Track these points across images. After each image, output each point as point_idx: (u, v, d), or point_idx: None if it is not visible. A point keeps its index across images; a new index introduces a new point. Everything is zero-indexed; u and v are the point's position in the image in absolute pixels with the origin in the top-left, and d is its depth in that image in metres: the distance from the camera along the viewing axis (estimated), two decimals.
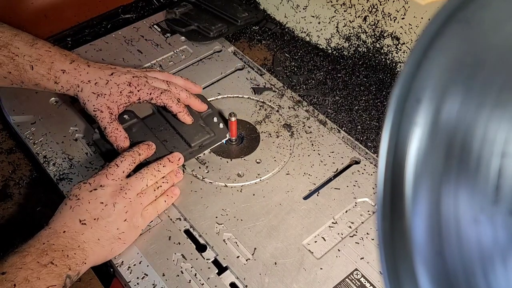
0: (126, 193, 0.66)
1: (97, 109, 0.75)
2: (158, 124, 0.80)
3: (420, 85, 0.30)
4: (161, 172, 0.71)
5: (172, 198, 0.72)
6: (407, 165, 0.31)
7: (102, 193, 0.65)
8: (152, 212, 0.69)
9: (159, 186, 0.70)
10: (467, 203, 0.30)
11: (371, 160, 0.78)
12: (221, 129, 0.80)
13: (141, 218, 0.67)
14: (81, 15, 1.01)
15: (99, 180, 0.66)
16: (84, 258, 0.61)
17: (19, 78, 0.76)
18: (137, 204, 0.66)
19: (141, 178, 0.68)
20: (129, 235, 0.66)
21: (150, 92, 0.77)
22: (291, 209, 0.71)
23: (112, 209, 0.64)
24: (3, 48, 0.74)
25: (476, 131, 0.29)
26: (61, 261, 0.58)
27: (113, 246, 0.64)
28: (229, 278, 0.64)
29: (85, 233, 0.62)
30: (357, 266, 0.65)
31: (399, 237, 0.31)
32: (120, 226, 0.64)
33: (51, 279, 0.57)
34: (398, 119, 0.31)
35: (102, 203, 0.64)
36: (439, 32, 0.30)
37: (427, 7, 0.82)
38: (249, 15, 1.00)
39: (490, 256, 0.29)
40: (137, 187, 0.67)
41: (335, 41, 0.97)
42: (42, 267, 0.56)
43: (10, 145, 0.82)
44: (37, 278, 0.55)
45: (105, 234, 0.63)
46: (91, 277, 0.67)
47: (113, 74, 0.77)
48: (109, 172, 0.67)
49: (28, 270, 0.55)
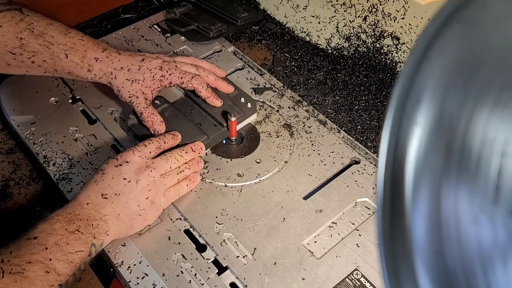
0: (151, 171, 0.67)
1: (133, 95, 0.77)
2: (189, 108, 0.82)
3: (420, 85, 0.30)
4: (183, 158, 0.73)
5: (194, 183, 0.74)
6: (407, 165, 0.31)
7: (127, 169, 0.67)
8: (174, 193, 0.71)
9: (182, 170, 0.72)
10: (467, 203, 0.30)
11: (371, 160, 0.78)
12: (250, 108, 0.83)
13: (164, 198, 0.69)
14: (81, 15, 1.01)
15: (125, 156, 0.68)
16: (106, 230, 0.63)
17: (53, 67, 0.77)
18: (160, 183, 0.68)
19: (165, 159, 0.70)
20: (150, 213, 0.67)
21: (181, 76, 0.80)
22: (291, 209, 0.71)
23: (134, 186, 0.66)
24: (39, 37, 0.75)
25: (476, 131, 0.29)
26: (86, 229, 0.61)
27: (133, 222, 0.66)
28: (229, 278, 0.64)
29: (106, 207, 0.64)
30: (357, 266, 0.65)
31: (399, 237, 0.31)
32: (142, 203, 0.66)
33: (79, 245, 0.60)
34: (398, 119, 0.31)
35: (125, 179, 0.66)
36: (439, 32, 0.30)
37: (427, 7, 0.82)
38: (249, 15, 1.00)
39: (490, 256, 0.29)
40: (162, 167, 0.69)
41: (335, 41, 0.97)
42: (70, 233, 0.60)
43: (10, 145, 0.82)
44: (66, 243, 0.59)
45: (125, 210, 0.65)
46: (91, 277, 0.67)
47: (144, 60, 0.79)
48: (136, 149, 0.69)
49: (57, 235, 0.59)
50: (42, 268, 0.56)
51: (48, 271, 0.56)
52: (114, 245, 0.67)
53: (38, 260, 0.56)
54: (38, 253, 0.56)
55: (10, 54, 0.75)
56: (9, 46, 0.74)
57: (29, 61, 0.76)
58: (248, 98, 0.84)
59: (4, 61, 0.75)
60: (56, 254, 0.57)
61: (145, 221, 0.67)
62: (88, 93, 0.86)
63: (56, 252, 0.57)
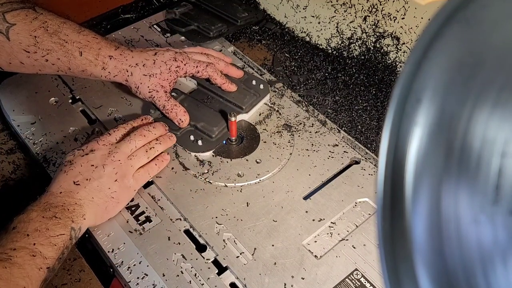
0: (114, 156, 0.69)
1: (152, 89, 0.79)
2: (205, 96, 0.84)
3: (420, 85, 0.30)
4: (151, 133, 0.74)
5: (163, 162, 0.75)
6: (407, 165, 0.31)
7: (93, 156, 0.69)
8: (143, 174, 0.72)
9: (152, 147, 0.73)
10: (467, 203, 0.30)
11: (371, 160, 0.78)
12: (262, 89, 0.85)
13: (133, 179, 0.70)
14: (81, 15, 1.00)
15: (91, 146, 0.70)
16: (83, 213, 0.64)
17: (67, 65, 0.77)
18: (127, 165, 0.70)
19: (129, 140, 0.71)
20: (122, 194, 0.69)
21: (196, 65, 0.81)
22: (291, 209, 0.71)
23: (102, 171, 0.68)
24: (53, 35, 0.75)
25: (476, 131, 0.29)
26: (63, 214, 0.63)
27: (107, 205, 0.67)
28: (229, 278, 0.64)
29: (80, 192, 0.66)
30: (357, 266, 0.65)
31: (399, 237, 0.31)
32: (112, 186, 0.68)
33: (58, 229, 0.61)
34: (398, 119, 0.31)
35: (93, 165, 0.68)
36: (439, 32, 0.30)
37: (427, 7, 0.82)
38: (249, 15, 1.00)
39: (490, 256, 0.29)
40: (126, 149, 0.70)
41: (335, 41, 0.97)
42: (47, 219, 0.61)
43: (10, 145, 0.82)
44: (46, 228, 0.60)
45: (98, 193, 0.67)
46: (91, 277, 0.67)
47: (157, 53, 0.80)
48: (100, 139, 0.71)
49: (36, 222, 0.60)
50: (27, 253, 0.57)
51: (34, 255, 0.57)
52: (114, 245, 0.67)
53: (22, 247, 0.57)
54: (20, 240, 0.58)
55: (24, 52, 0.74)
56: (24, 44, 0.74)
57: (43, 59, 0.75)
58: (259, 80, 0.87)
59: (17, 59, 0.75)
60: (38, 239, 0.59)
61: (119, 203, 0.69)
62: (88, 93, 0.86)
63: (38, 237, 0.59)
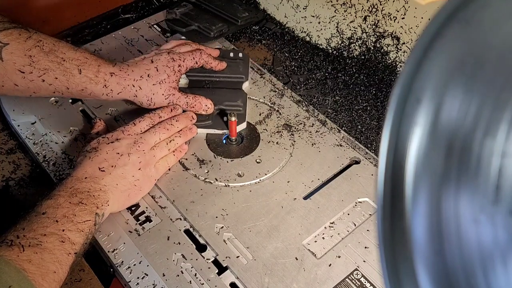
0: (139, 146, 0.71)
1: (168, 94, 0.79)
2: (204, 83, 0.86)
3: (420, 85, 0.30)
4: (174, 126, 0.76)
5: (181, 153, 0.77)
6: (407, 165, 0.31)
7: (118, 145, 0.71)
8: (163, 164, 0.74)
9: (172, 139, 0.76)
10: (467, 203, 0.30)
11: (371, 160, 0.78)
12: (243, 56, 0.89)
13: (154, 169, 0.73)
14: (81, 15, 1.00)
15: (116, 135, 0.72)
16: (107, 200, 0.66)
17: (65, 84, 0.74)
18: (150, 156, 0.72)
19: (153, 132, 0.74)
20: (144, 182, 0.71)
21: (192, 57, 0.83)
22: (291, 209, 0.71)
23: (127, 159, 0.70)
24: (50, 53, 0.72)
25: (476, 131, 0.29)
26: (88, 200, 0.64)
27: (130, 192, 0.69)
28: (229, 278, 0.64)
29: (105, 178, 0.67)
30: (357, 266, 0.65)
31: (399, 237, 0.31)
32: (135, 174, 0.70)
33: (85, 215, 0.63)
34: (398, 119, 0.31)
35: (118, 153, 0.70)
36: (439, 32, 0.30)
37: (427, 7, 0.81)
38: (249, 15, 1.00)
39: (490, 256, 0.29)
40: (150, 140, 0.73)
41: (335, 41, 0.97)
42: (74, 205, 0.63)
43: (10, 145, 0.82)
44: (73, 215, 0.62)
45: (122, 180, 0.69)
46: (91, 277, 0.67)
47: (154, 61, 0.80)
48: (125, 129, 0.73)
49: (64, 208, 0.62)
50: (57, 239, 0.59)
51: (63, 241, 0.59)
52: (114, 245, 0.67)
53: (51, 233, 0.59)
54: (50, 226, 0.60)
55: (19, 73, 0.71)
56: (18, 64, 0.70)
57: (39, 79, 0.72)
58: (234, 50, 0.90)
59: (11, 81, 0.72)
60: (66, 225, 0.61)
61: (141, 191, 0.71)
62: None
63: (66, 223, 0.61)
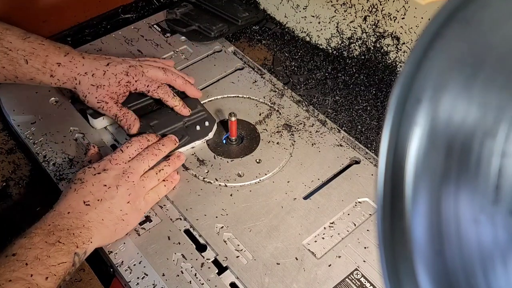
0: (128, 176, 0.67)
1: (101, 100, 0.76)
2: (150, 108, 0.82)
3: (420, 85, 0.30)
4: (161, 151, 0.72)
5: (172, 183, 0.73)
6: (407, 165, 0.31)
7: (106, 176, 0.66)
8: (153, 196, 0.70)
9: (161, 169, 0.71)
10: (467, 203, 0.30)
11: (371, 160, 0.78)
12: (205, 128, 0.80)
13: (144, 202, 0.68)
14: (81, 15, 1.00)
15: (104, 165, 0.68)
16: (90, 237, 0.62)
17: (13, 73, 0.75)
18: (140, 187, 0.68)
19: (141, 159, 0.70)
20: (132, 217, 0.67)
21: (148, 84, 0.79)
22: (291, 209, 0.71)
23: (115, 191, 0.65)
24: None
25: (476, 131, 0.29)
26: (68, 239, 0.60)
27: (116, 227, 0.65)
28: (229, 278, 0.64)
29: (89, 213, 0.63)
30: (357, 266, 0.65)
31: (399, 237, 0.31)
32: (123, 207, 0.66)
33: (61, 256, 0.58)
34: (398, 119, 0.31)
35: (105, 185, 0.66)
36: (439, 32, 0.30)
37: (427, 7, 0.81)
38: (249, 15, 1.00)
39: (490, 256, 0.29)
40: (139, 169, 0.69)
41: (335, 41, 0.97)
42: (50, 245, 0.58)
43: (10, 145, 0.82)
44: (47, 256, 0.57)
45: (108, 215, 0.64)
46: (91, 277, 0.67)
47: (109, 64, 0.78)
48: (113, 158, 0.69)
49: (37, 249, 0.57)
50: (23, 285, 0.54)
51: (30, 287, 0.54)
52: (114, 245, 0.67)
53: (18, 277, 0.54)
54: (18, 270, 0.55)
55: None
56: None
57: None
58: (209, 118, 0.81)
59: None
60: (37, 268, 0.56)
61: (128, 226, 0.67)
62: None
63: (37, 266, 0.56)
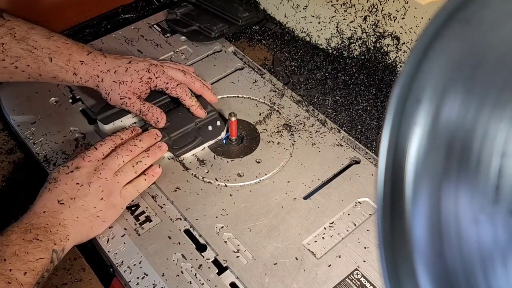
0: (101, 173, 0.67)
1: (124, 96, 0.77)
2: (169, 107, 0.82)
3: (420, 85, 0.30)
4: (138, 147, 0.71)
5: (153, 176, 0.72)
6: (407, 165, 0.31)
7: (78, 174, 0.66)
8: (131, 191, 0.69)
9: (139, 161, 0.70)
10: (467, 203, 0.30)
11: (371, 160, 0.78)
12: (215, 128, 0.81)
13: (120, 197, 0.68)
14: (81, 15, 1.00)
15: (76, 163, 0.67)
16: (66, 234, 0.63)
17: (37, 71, 0.76)
18: (113, 183, 0.67)
19: (115, 156, 0.69)
20: (108, 213, 0.67)
21: (167, 81, 0.79)
22: (291, 209, 0.71)
23: (87, 189, 0.65)
24: (21, 41, 0.74)
25: (476, 131, 0.29)
26: (45, 236, 0.60)
27: (92, 224, 0.65)
28: (229, 278, 0.64)
29: (64, 211, 0.64)
30: (357, 266, 0.65)
31: (399, 237, 0.31)
32: (97, 204, 0.66)
33: (39, 252, 0.59)
34: (398, 119, 0.31)
35: (78, 183, 0.66)
36: (439, 32, 0.30)
37: (427, 7, 0.81)
38: (249, 15, 1.00)
39: (490, 256, 0.29)
40: (113, 165, 0.68)
41: (335, 41, 0.97)
42: (28, 242, 0.59)
43: (10, 145, 0.82)
44: (25, 252, 0.58)
45: (83, 212, 0.65)
46: (91, 277, 0.67)
47: (131, 62, 0.79)
48: (86, 155, 0.68)
49: (15, 246, 0.58)
50: (2, 280, 0.55)
51: (10, 282, 0.55)
52: (114, 245, 0.67)
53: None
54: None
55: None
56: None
57: (11, 66, 0.75)
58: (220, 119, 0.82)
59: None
60: (15, 264, 0.56)
61: (105, 222, 0.67)
62: (88, 93, 0.86)
63: (15, 262, 0.57)
